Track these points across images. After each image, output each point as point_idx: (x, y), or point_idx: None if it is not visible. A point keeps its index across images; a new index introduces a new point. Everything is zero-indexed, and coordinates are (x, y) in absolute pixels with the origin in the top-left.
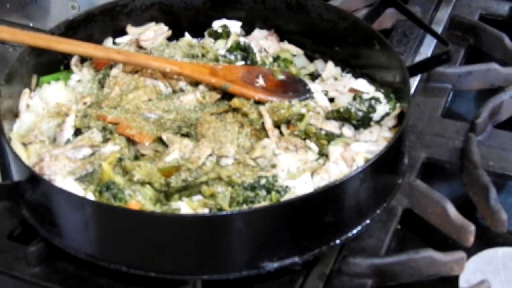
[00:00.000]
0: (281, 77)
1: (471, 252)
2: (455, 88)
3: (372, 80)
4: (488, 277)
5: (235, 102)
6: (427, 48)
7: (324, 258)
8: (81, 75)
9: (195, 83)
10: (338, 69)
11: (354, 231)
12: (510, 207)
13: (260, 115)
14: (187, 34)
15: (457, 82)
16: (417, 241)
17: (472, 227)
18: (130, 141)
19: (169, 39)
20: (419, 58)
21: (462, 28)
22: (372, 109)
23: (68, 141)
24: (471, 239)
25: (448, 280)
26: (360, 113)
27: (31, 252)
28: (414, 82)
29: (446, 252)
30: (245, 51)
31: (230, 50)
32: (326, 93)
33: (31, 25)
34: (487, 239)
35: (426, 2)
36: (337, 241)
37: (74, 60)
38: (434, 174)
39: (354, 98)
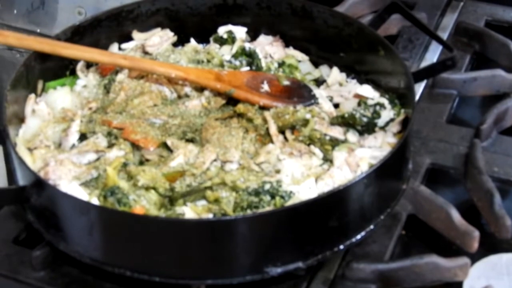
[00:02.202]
0: (286, 82)
1: (475, 257)
2: (460, 94)
3: (377, 86)
4: (492, 282)
5: (240, 107)
6: (433, 54)
7: (328, 263)
8: (87, 81)
9: (200, 89)
10: (343, 75)
11: (358, 237)
12: None
13: (265, 121)
14: (192, 40)
15: (462, 88)
16: (421, 246)
17: (476, 233)
18: (135, 146)
19: (175, 44)
20: (424, 64)
21: (467, 35)
22: (376, 114)
23: (73, 146)
24: (475, 244)
25: (452, 285)
26: (365, 119)
27: (36, 256)
28: (419, 88)
29: (450, 258)
30: (250, 57)
31: (235, 56)
32: (331, 99)
33: (38, 30)
34: (492, 245)
35: (432, 8)
36: (341, 246)
37: (80, 66)
38: (438, 180)
39: (359, 104)
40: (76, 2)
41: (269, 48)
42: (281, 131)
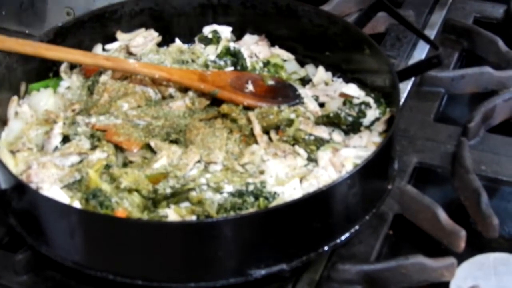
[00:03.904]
0: (270, 82)
1: (463, 257)
2: (448, 92)
3: (363, 84)
4: (479, 282)
5: (224, 108)
6: (421, 52)
7: (313, 264)
8: (71, 82)
9: (184, 89)
10: (329, 74)
11: (343, 238)
12: (502, 212)
13: (249, 121)
14: (177, 40)
15: (450, 86)
16: (408, 246)
17: (463, 233)
18: (119, 148)
19: (160, 45)
20: (412, 62)
21: (456, 32)
22: (362, 114)
23: (56, 148)
24: (462, 244)
25: (439, 286)
26: (350, 118)
27: (19, 260)
28: (407, 86)
29: (436, 258)
30: (235, 57)
31: (220, 56)
32: (316, 98)
33: (27, 31)
34: (479, 244)
35: (420, 5)
36: (325, 248)
37: (63, 67)
38: (426, 179)
39: (344, 103)
40: (65, 3)
41: (254, 48)
42: (266, 131)
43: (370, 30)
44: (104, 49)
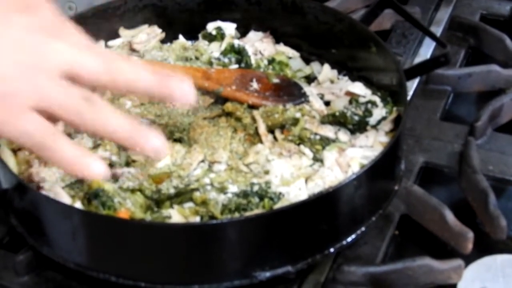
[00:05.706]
0: (275, 80)
1: (470, 259)
2: (455, 90)
3: (369, 83)
4: (487, 285)
5: (228, 106)
6: (427, 49)
7: (318, 266)
8: None
9: None
10: (335, 71)
11: (349, 239)
12: (510, 213)
13: (254, 120)
14: (181, 36)
15: (457, 84)
16: (414, 247)
17: (470, 234)
18: (121, 147)
19: (163, 41)
20: (418, 59)
21: (462, 29)
22: (368, 113)
23: None
24: (469, 246)
25: None
26: (356, 117)
27: (20, 261)
28: (413, 84)
29: (443, 260)
30: (240, 54)
31: (224, 53)
32: (322, 97)
33: None
34: (487, 245)
35: (425, 2)
36: (331, 250)
37: None
38: (432, 179)
39: (350, 102)
40: None
41: (259, 45)
42: (271, 130)
43: (375, 27)
44: (106, 46)
